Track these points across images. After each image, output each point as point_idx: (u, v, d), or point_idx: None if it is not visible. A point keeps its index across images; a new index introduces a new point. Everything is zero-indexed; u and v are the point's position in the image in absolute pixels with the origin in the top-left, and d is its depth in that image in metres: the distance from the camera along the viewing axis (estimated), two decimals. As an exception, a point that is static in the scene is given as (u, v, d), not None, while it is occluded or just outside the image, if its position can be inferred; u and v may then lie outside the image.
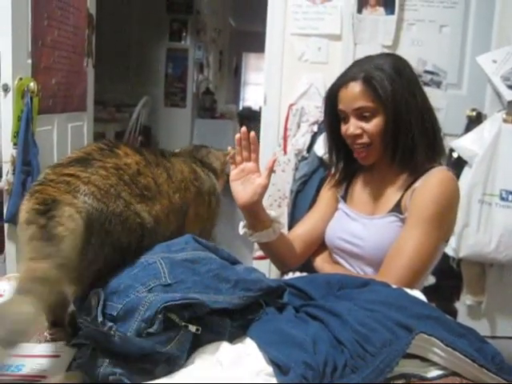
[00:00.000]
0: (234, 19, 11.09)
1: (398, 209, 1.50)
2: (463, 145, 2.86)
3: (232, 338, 0.96)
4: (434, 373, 0.95)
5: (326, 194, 1.76)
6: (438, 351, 0.95)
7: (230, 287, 0.98)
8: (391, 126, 1.47)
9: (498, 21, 3.00)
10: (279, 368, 0.85)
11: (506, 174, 2.75)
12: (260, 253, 2.95)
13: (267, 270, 2.85)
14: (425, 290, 1.49)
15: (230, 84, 11.75)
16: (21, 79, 2.42)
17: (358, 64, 1.56)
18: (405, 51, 3.22)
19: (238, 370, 0.85)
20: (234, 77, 12.42)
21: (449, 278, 3.12)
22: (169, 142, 6.60)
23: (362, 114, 1.49)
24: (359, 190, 1.67)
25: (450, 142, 3.02)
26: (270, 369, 0.86)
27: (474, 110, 3.10)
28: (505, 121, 2.79)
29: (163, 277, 0.94)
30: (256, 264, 2.91)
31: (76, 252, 0.90)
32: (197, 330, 0.88)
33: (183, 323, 0.86)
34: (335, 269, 1.59)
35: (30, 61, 2.53)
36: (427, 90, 3.14)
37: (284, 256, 1.67)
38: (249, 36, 11.42)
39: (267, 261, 2.97)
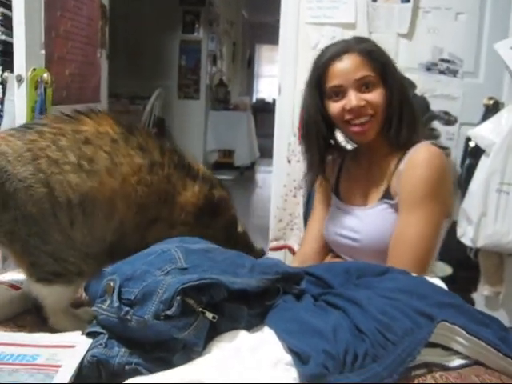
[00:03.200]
0: (247, 11, 11.05)
1: (388, 195, 1.46)
2: (480, 133, 2.82)
3: (249, 327, 0.94)
4: (456, 362, 0.92)
5: (320, 197, 1.71)
6: (460, 340, 0.92)
7: (246, 271, 0.96)
8: (397, 98, 1.45)
9: (515, 7, 2.95)
10: (298, 357, 0.83)
11: (525, 162, 2.71)
12: (276, 243, 2.94)
13: (283, 260, 2.83)
14: (442, 281, 1.47)
15: (243, 76, 11.72)
16: (34, 70, 2.41)
17: (339, 43, 1.51)
18: (421, 39, 3.19)
19: (256, 360, 0.83)
20: (247, 69, 12.38)
21: (466, 269, 3.09)
22: (182, 134, 6.61)
23: (363, 85, 1.43)
24: (349, 181, 1.62)
25: (467, 131, 2.99)
26: (288, 358, 0.84)
27: (491, 98, 3.05)
28: (523, 109, 2.75)
29: (179, 261, 0.93)
30: (271, 255, 2.89)
31: None
32: (213, 317, 0.86)
33: (200, 309, 0.85)
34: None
35: (43, 51, 2.52)
36: (443, 78, 3.17)
37: None
38: (262, 27, 11.41)
39: (283, 251, 2.97)
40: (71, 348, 0.89)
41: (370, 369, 0.83)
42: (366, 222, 1.49)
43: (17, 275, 1.17)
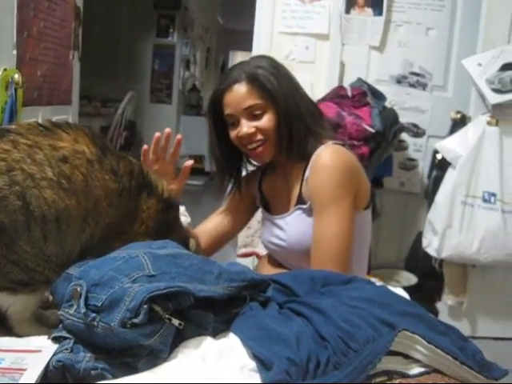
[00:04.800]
0: (222, 17, 11.07)
1: (301, 201, 1.54)
2: (447, 146, 2.88)
3: (215, 333, 0.95)
4: (416, 370, 0.95)
5: (233, 199, 1.78)
6: (420, 348, 0.95)
7: (213, 278, 0.97)
8: (284, 119, 1.51)
9: (483, 24, 3.03)
10: (262, 363, 0.84)
11: (489, 176, 2.78)
12: (244, 250, 2.95)
13: (251, 267, 2.84)
14: (407, 290, 1.51)
15: (216, 82, 11.70)
16: (5, 70, 2.39)
17: (235, 68, 1.60)
18: (392, 52, 3.26)
19: (221, 365, 0.85)
20: (220, 75, 12.38)
21: (431, 279, 3.15)
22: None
23: (252, 114, 1.51)
24: (271, 192, 1.72)
25: (434, 144, 3.05)
26: (253, 364, 0.86)
27: (458, 112, 3.13)
28: (489, 123, 2.82)
29: (147, 268, 0.93)
30: (239, 262, 2.90)
31: None
32: (179, 324, 0.87)
33: (167, 316, 0.86)
34: (274, 271, 1.61)
35: (14, 52, 2.50)
36: (413, 91, 3.24)
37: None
38: (236, 34, 11.40)
39: (251, 258, 2.98)
40: (37, 352, 0.90)
41: (331, 376, 0.85)
42: (286, 230, 1.58)
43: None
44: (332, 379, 0.85)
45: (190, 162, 1.61)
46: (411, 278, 3.26)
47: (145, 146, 1.56)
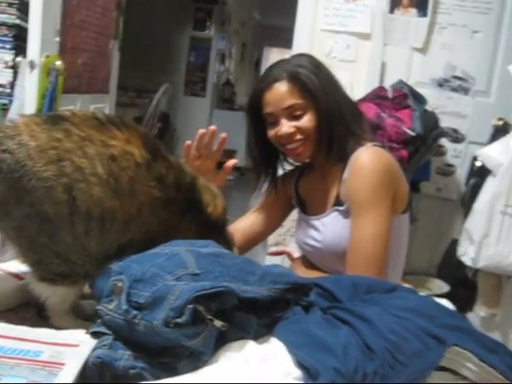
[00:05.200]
0: (259, 12, 11.03)
1: (338, 202, 1.51)
2: (489, 154, 2.80)
3: (257, 337, 0.92)
4: (464, 388, 0.91)
5: (268, 198, 1.75)
6: (470, 366, 0.91)
7: (256, 279, 0.95)
8: (325, 119, 1.48)
9: (532, 29, 2.95)
10: (307, 372, 0.81)
11: (531, 186, 2.70)
12: (275, 248, 2.92)
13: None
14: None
15: (250, 77, 11.69)
16: (47, 57, 2.40)
17: (276, 66, 1.56)
18: (435, 55, 3.19)
19: (265, 372, 0.82)
20: (254, 70, 12.36)
21: (463, 288, 3.08)
22: (186, 131, 6.58)
23: (292, 113, 1.49)
24: (307, 193, 1.69)
25: (474, 150, 2.98)
26: (297, 372, 0.83)
27: (500, 119, 3.04)
28: (533, 132, 2.74)
29: (190, 267, 0.91)
30: (270, 260, 2.88)
31: None
32: (222, 326, 0.84)
33: (209, 317, 0.83)
34: (308, 273, 1.58)
35: (57, 39, 2.51)
36: (454, 95, 3.17)
37: None
38: (272, 30, 11.39)
39: (281, 257, 2.95)
40: (75, 347, 0.88)
41: (378, 389, 0.82)
42: (322, 231, 1.56)
43: (20, 265, 1.14)
44: (379, 393, 0.81)
45: (233, 161, 1.60)
46: (443, 286, 3.20)
47: (187, 142, 1.54)
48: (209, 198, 1.20)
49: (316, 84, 1.48)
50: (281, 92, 1.49)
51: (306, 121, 1.48)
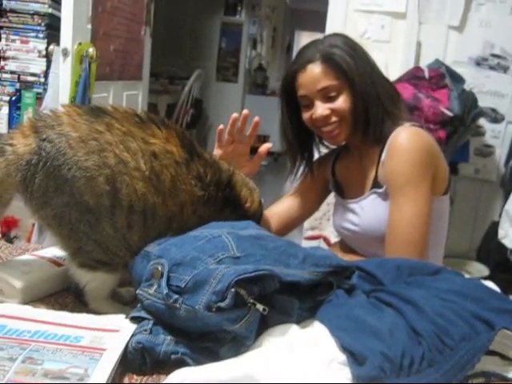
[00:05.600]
0: (289, -4, 10.93)
1: (377, 184, 1.48)
2: (529, 133, 2.74)
3: (300, 321, 0.90)
4: (515, 372, 0.88)
5: (305, 182, 1.72)
6: (521, 349, 0.88)
7: (298, 262, 0.93)
8: (360, 100, 1.44)
9: None
10: (354, 357, 0.79)
11: None
12: (311, 233, 2.90)
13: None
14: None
15: (282, 62, 11.60)
16: (80, 44, 2.40)
17: (309, 47, 1.52)
18: (472, 33, 3.11)
19: (310, 357, 0.80)
20: (286, 55, 12.27)
21: (504, 271, 3.02)
22: (219, 116, 6.58)
23: (327, 95, 1.46)
24: (344, 176, 1.66)
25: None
26: (342, 357, 0.80)
27: (542, 97, 2.96)
28: None
29: (231, 249, 0.89)
30: (306, 245, 2.86)
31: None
32: (264, 309, 0.82)
33: (251, 300, 0.81)
34: (347, 258, 1.55)
35: (89, 26, 2.51)
36: (492, 74, 3.09)
37: None
38: (302, 14, 11.27)
39: (318, 241, 2.93)
40: (115, 332, 0.87)
41: (427, 374, 0.79)
42: (360, 215, 1.53)
43: (59, 251, 1.15)
44: (428, 378, 0.79)
45: (267, 145, 1.56)
46: (483, 270, 3.14)
47: (220, 126, 1.52)
48: (246, 193, 1.20)
49: (350, 64, 1.44)
50: (314, 73, 1.46)
51: (341, 102, 1.45)
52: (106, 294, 1.08)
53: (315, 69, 1.46)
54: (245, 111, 1.52)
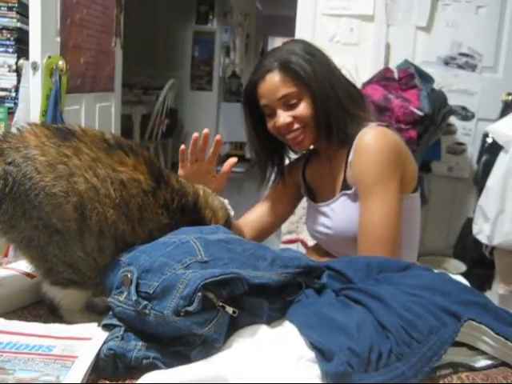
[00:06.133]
0: (261, 3, 10.97)
1: (346, 186, 1.49)
2: (499, 129, 2.76)
3: (270, 322, 0.92)
4: (482, 362, 0.90)
5: (276, 188, 1.73)
6: (487, 340, 0.90)
7: (267, 264, 0.94)
8: (320, 105, 1.45)
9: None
10: (322, 353, 0.80)
11: (544, 160, 2.66)
12: (289, 237, 2.91)
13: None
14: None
15: (255, 68, 11.65)
16: (49, 57, 2.40)
17: (268, 56, 1.53)
18: (439, 33, 3.16)
19: (279, 356, 0.81)
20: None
21: (480, 266, 3.05)
22: (194, 125, 6.59)
23: (288, 103, 1.47)
24: (315, 180, 1.67)
25: (484, 127, 2.95)
26: (311, 354, 0.81)
27: (510, 94, 3.01)
28: (543, 105, 2.70)
29: (199, 254, 0.90)
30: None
31: None
32: (233, 312, 0.83)
33: (220, 303, 0.82)
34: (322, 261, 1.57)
35: (58, 39, 2.50)
36: (461, 73, 3.13)
37: None
38: (275, 20, 11.34)
39: (295, 245, 2.94)
40: (87, 340, 0.87)
41: (394, 368, 0.81)
42: (332, 217, 1.54)
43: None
44: (395, 371, 0.80)
45: (231, 161, 1.54)
46: (460, 266, 3.17)
47: (182, 147, 1.50)
48: (209, 214, 1.20)
49: (308, 70, 1.45)
50: (273, 82, 1.47)
51: (302, 109, 1.46)
52: (80, 307, 1.07)
53: (274, 77, 1.47)
54: (205, 130, 1.49)
